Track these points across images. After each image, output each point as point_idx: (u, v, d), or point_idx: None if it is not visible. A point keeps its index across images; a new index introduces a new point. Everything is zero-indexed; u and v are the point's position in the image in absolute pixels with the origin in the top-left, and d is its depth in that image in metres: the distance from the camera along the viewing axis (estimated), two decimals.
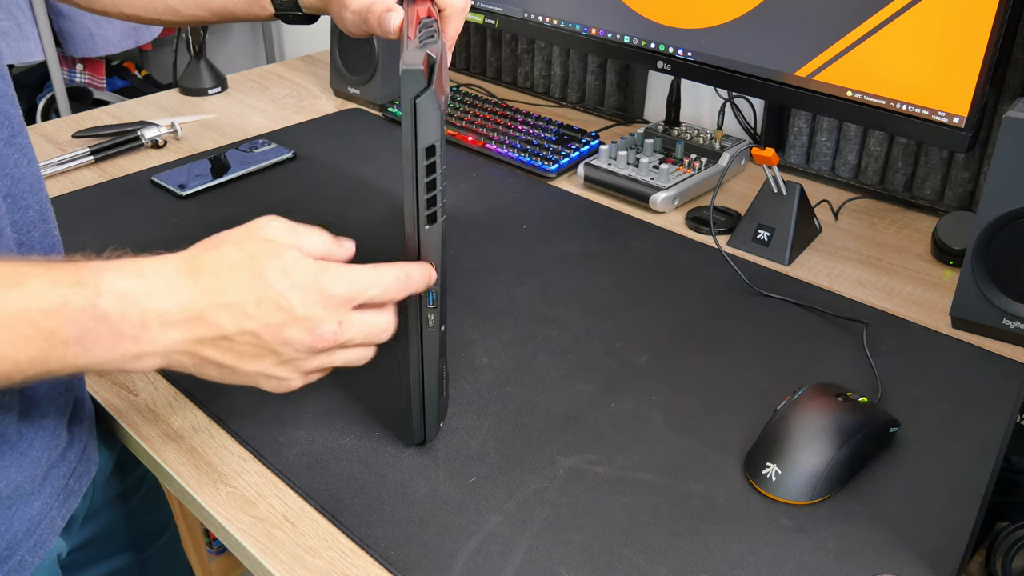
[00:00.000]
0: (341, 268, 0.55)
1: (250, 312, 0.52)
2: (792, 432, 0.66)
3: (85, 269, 0.50)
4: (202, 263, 0.52)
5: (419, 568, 0.59)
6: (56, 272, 0.49)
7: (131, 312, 0.49)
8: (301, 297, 0.53)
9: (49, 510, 0.65)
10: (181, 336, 0.51)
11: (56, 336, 0.48)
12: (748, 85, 1.02)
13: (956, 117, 0.87)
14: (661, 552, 0.60)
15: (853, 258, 0.97)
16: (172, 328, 0.51)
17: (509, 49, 1.44)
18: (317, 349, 0.54)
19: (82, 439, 0.70)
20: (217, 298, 0.51)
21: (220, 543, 1.13)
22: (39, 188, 0.64)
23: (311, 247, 0.55)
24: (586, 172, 1.11)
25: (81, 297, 0.48)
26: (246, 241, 0.54)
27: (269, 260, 0.53)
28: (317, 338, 0.54)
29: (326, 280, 0.53)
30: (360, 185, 1.12)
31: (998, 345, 0.82)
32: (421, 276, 0.59)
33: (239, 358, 0.53)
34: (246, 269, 0.52)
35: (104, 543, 0.80)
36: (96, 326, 0.49)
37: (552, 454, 0.69)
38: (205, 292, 0.51)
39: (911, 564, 0.60)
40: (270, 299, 0.52)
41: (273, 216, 0.56)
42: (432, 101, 0.54)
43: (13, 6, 1.81)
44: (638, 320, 0.85)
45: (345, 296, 0.54)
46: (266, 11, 0.81)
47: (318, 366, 0.56)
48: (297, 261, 0.53)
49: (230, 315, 0.52)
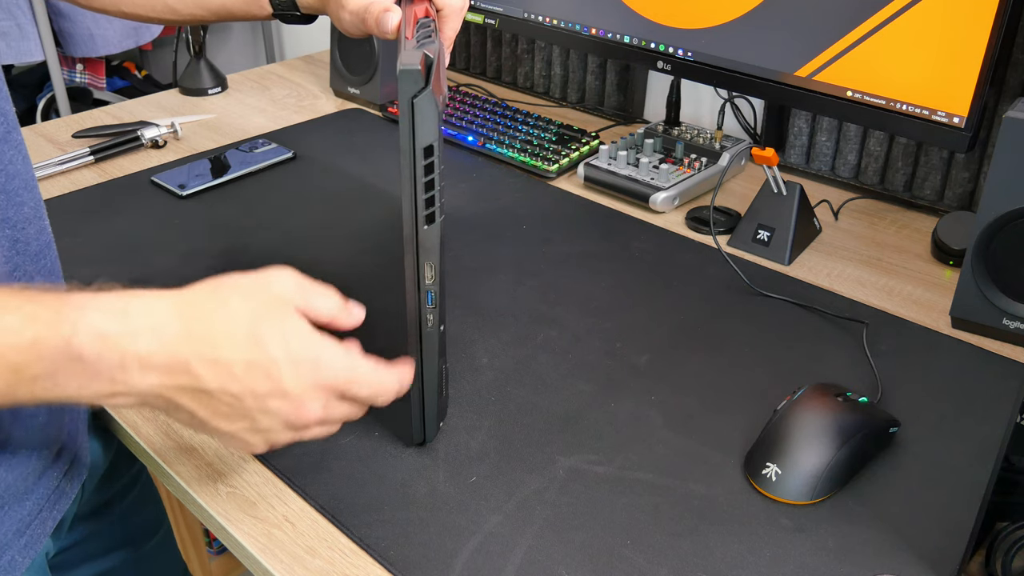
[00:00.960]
0: (343, 354, 0.53)
1: (237, 374, 0.50)
2: (792, 432, 0.66)
3: (67, 305, 0.48)
4: (199, 308, 0.50)
5: (419, 568, 0.59)
6: (33, 307, 0.47)
7: (109, 353, 0.47)
8: (294, 372, 0.51)
9: (40, 511, 0.65)
10: (159, 381, 0.49)
11: (25, 372, 0.46)
12: (748, 85, 1.02)
13: (956, 117, 0.87)
14: (661, 552, 0.60)
15: (853, 258, 0.97)
16: (151, 372, 0.49)
17: (509, 49, 1.44)
18: (295, 426, 0.53)
19: (76, 441, 0.70)
20: (207, 350, 0.49)
21: (220, 543, 1.13)
22: (32, 185, 0.63)
23: (320, 310, 0.53)
24: (586, 172, 1.11)
25: (57, 336, 0.46)
26: (253, 295, 0.51)
27: (272, 325, 0.50)
28: (300, 416, 0.53)
29: (325, 361, 0.52)
30: (360, 185, 1.12)
31: (998, 345, 0.82)
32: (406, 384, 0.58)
33: (213, 415, 0.52)
34: (245, 327, 0.50)
35: (97, 542, 0.80)
36: (70, 364, 0.47)
37: (552, 454, 0.69)
38: (194, 341, 0.49)
39: (911, 564, 0.60)
40: (262, 366, 0.50)
41: (287, 270, 0.54)
42: (430, 101, 0.54)
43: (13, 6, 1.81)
44: (638, 320, 0.85)
45: (338, 386, 0.53)
46: (264, 11, 0.81)
47: (287, 440, 0.55)
48: (299, 332, 0.51)
49: (216, 372, 0.50)
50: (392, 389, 0.57)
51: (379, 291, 0.88)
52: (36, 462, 0.64)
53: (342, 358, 0.53)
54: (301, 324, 0.52)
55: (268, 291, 0.52)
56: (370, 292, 0.89)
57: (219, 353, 0.49)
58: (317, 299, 0.54)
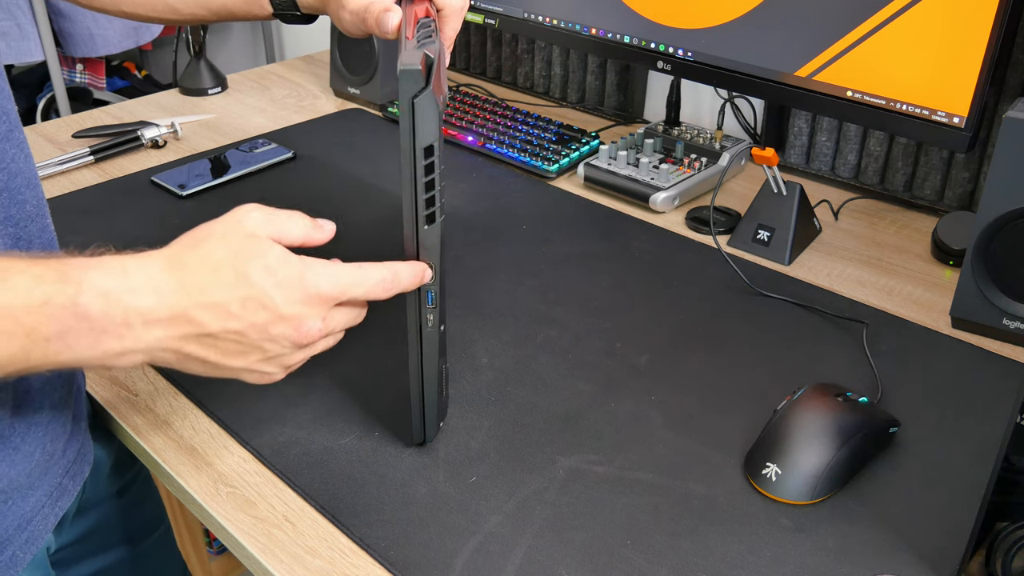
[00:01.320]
0: (326, 266, 0.55)
1: (235, 311, 0.52)
2: (792, 432, 0.66)
3: (68, 266, 0.49)
4: (186, 260, 0.53)
5: (419, 568, 0.59)
6: (39, 269, 0.49)
7: (114, 310, 0.49)
8: (285, 296, 0.53)
9: (42, 507, 0.65)
10: (164, 333, 0.51)
11: (38, 333, 0.48)
12: (748, 85, 1.02)
13: (956, 117, 0.87)
14: (661, 552, 0.60)
15: (853, 258, 0.97)
16: (155, 326, 0.51)
17: (509, 49, 1.44)
18: (302, 344, 0.55)
19: (79, 438, 0.70)
20: (201, 297, 0.51)
21: (220, 543, 1.13)
22: (35, 183, 0.64)
23: (293, 233, 0.55)
24: (586, 172, 1.11)
25: (63, 295, 0.48)
26: (228, 236, 0.54)
27: (253, 259, 0.53)
28: (303, 335, 0.54)
29: (311, 278, 0.54)
30: (360, 185, 1.12)
31: (998, 345, 0.82)
32: (410, 276, 0.59)
33: (224, 355, 0.54)
34: (230, 268, 0.52)
35: (97, 538, 0.80)
36: (78, 323, 0.49)
37: (552, 454, 0.69)
38: (189, 290, 0.51)
39: (911, 564, 0.60)
40: (254, 298, 0.52)
41: (252, 206, 0.56)
42: (430, 101, 0.54)
43: (13, 6, 1.81)
44: (638, 320, 0.85)
45: (329, 294, 0.55)
46: (264, 10, 0.82)
47: (301, 359, 0.57)
48: (281, 259, 0.53)
49: (214, 314, 0.52)
50: (386, 280, 0.57)
51: None
52: (40, 458, 0.64)
53: (324, 269, 0.55)
54: (279, 250, 0.54)
55: (241, 230, 0.54)
56: None
57: (213, 296, 0.52)
58: (286, 224, 0.56)
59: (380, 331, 0.83)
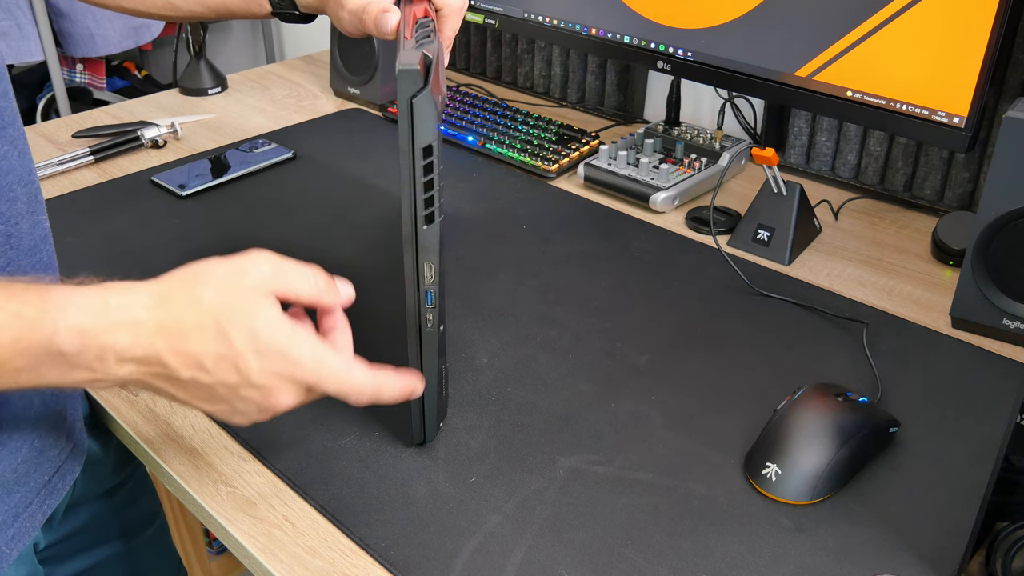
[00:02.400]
0: (313, 346, 0.53)
1: (207, 366, 0.51)
2: (792, 432, 0.66)
3: (48, 301, 0.49)
4: (173, 301, 0.51)
5: (419, 568, 0.59)
6: (16, 304, 0.48)
7: (89, 346, 0.49)
8: (261, 365, 0.52)
9: (29, 504, 0.65)
10: (136, 369, 0.51)
11: (10, 365, 0.48)
12: (748, 85, 1.02)
13: (956, 117, 0.87)
14: (661, 552, 0.60)
15: (853, 258, 0.97)
16: (128, 363, 0.50)
17: (509, 49, 1.44)
18: (270, 411, 0.54)
19: (72, 436, 0.70)
20: (178, 344, 0.50)
21: (220, 543, 1.13)
22: (29, 180, 0.63)
23: (300, 292, 0.54)
24: (586, 172, 1.11)
25: (39, 333, 0.48)
26: (224, 285, 0.52)
27: (241, 318, 0.51)
28: (270, 404, 0.54)
29: (292, 355, 0.52)
30: (360, 185, 1.12)
31: (998, 345, 0.82)
32: (395, 393, 0.57)
33: (191, 397, 0.53)
34: (213, 321, 0.51)
35: (89, 535, 0.79)
36: (51, 359, 0.49)
37: (552, 454, 0.69)
38: (167, 335, 0.50)
39: (911, 564, 0.60)
40: (229, 359, 0.51)
41: (264, 255, 0.54)
42: (428, 101, 0.54)
43: (13, 6, 1.81)
44: (638, 320, 0.85)
45: (306, 379, 0.53)
46: (263, 9, 0.82)
47: (267, 418, 0.56)
48: (269, 324, 0.51)
49: (186, 363, 0.51)
50: (365, 391, 0.56)
51: (379, 291, 0.87)
52: (27, 455, 0.63)
53: (309, 351, 0.53)
54: (271, 315, 0.52)
55: (242, 282, 0.52)
56: (370, 292, 0.89)
57: (189, 346, 0.51)
58: (296, 281, 0.54)
59: (380, 331, 0.83)
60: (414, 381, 0.59)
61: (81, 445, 0.72)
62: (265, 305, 0.52)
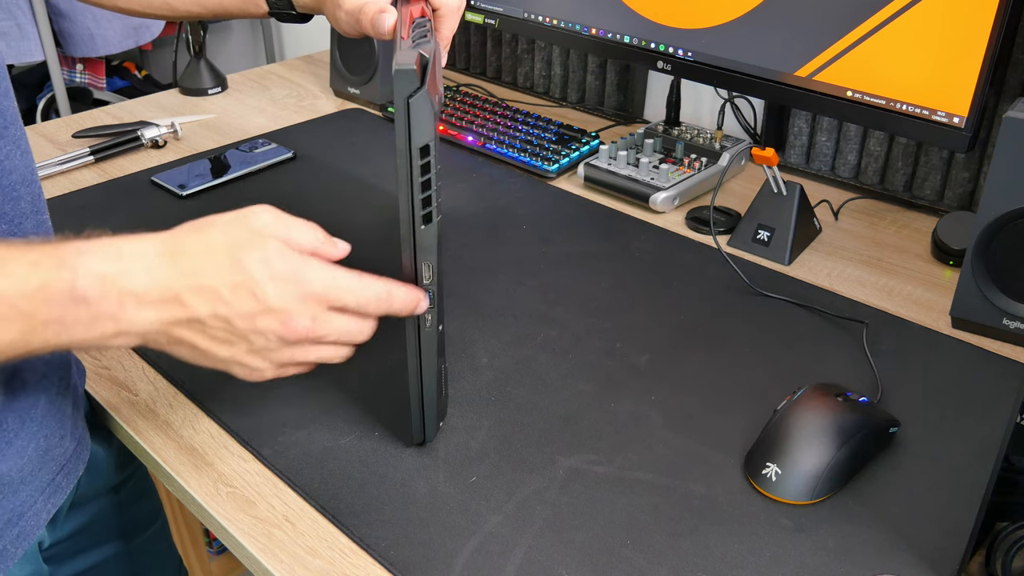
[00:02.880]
0: (323, 267, 0.55)
1: (225, 297, 0.52)
2: (792, 432, 0.66)
3: (65, 251, 0.50)
4: (184, 245, 0.53)
5: (419, 568, 0.59)
6: (35, 255, 0.49)
7: (110, 292, 0.50)
8: (276, 288, 0.53)
9: (35, 503, 0.65)
10: (156, 316, 0.52)
11: (35, 318, 0.49)
12: (748, 85, 1.02)
13: (956, 117, 0.87)
14: (661, 552, 0.60)
15: (853, 258, 0.97)
16: (147, 308, 0.51)
17: (509, 49, 1.44)
18: (289, 341, 0.55)
19: (76, 435, 0.70)
20: (193, 280, 0.52)
21: (220, 543, 1.13)
22: (32, 180, 0.63)
23: (301, 241, 0.55)
24: (586, 172, 1.11)
25: (61, 280, 0.49)
26: (233, 228, 0.54)
27: (251, 250, 0.53)
28: (289, 331, 0.54)
29: (305, 275, 0.54)
30: (360, 185, 1.12)
31: (998, 345, 0.82)
32: (405, 301, 0.58)
33: (211, 342, 0.54)
34: (225, 255, 0.52)
35: (92, 534, 0.80)
36: (76, 307, 0.49)
37: (552, 454, 0.69)
38: (182, 273, 0.52)
39: (911, 564, 0.60)
40: (245, 287, 0.52)
41: (265, 206, 0.56)
42: (425, 101, 0.54)
43: (13, 6, 1.81)
44: (638, 320, 0.85)
45: (321, 294, 0.54)
46: (260, 9, 0.82)
47: (290, 359, 0.56)
48: (280, 252, 0.53)
49: (204, 298, 0.52)
50: (381, 296, 0.57)
51: None
52: (33, 453, 0.63)
53: (322, 269, 0.55)
54: (280, 247, 0.54)
55: (248, 225, 0.54)
56: None
57: (205, 280, 0.52)
58: (297, 231, 0.55)
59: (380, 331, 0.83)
60: (419, 295, 0.59)
61: (84, 443, 0.72)
62: (271, 240, 0.54)
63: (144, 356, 0.80)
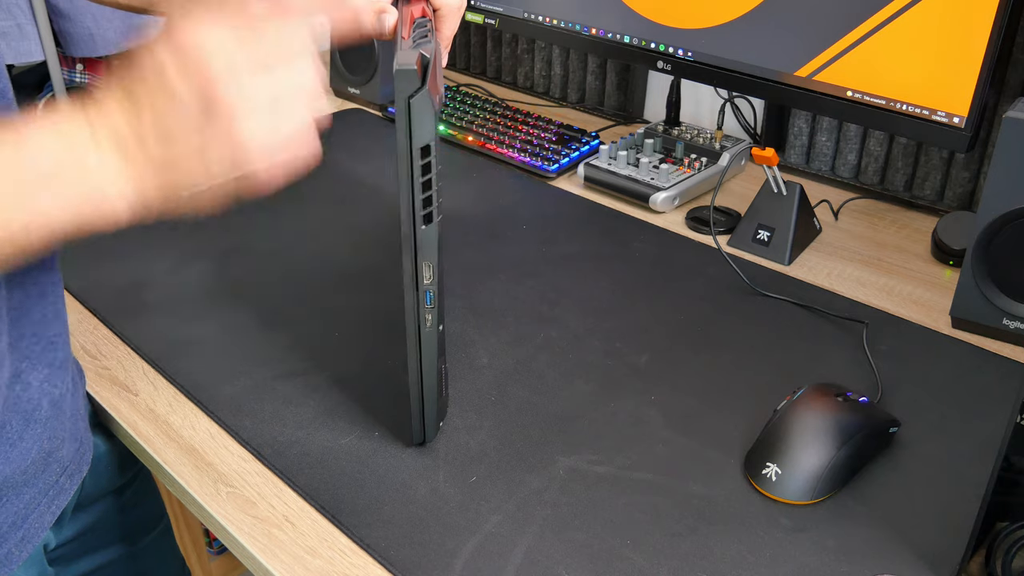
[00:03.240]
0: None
1: (170, 76, 0.48)
2: (792, 432, 0.66)
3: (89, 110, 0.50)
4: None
5: (419, 568, 0.59)
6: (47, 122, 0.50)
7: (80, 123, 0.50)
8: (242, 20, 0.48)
9: (38, 505, 0.65)
10: (123, 119, 0.49)
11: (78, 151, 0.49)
12: (748, 85, 1.02)
13: (956, 117, 0.87)
14: (661, 552, 0.60)
15: (853, 258, 0.97)
16: (112, 113, 0.50)
17: (509, 49, 1.44)
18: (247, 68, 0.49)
19: (78, 436, 0.70)
20: (139, 85, 0.49)
21: (220, 543, 1.13)
22: None
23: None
24: (586, 172, 1.11)
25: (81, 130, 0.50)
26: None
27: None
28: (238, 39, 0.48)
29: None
30: (360, 185, 1.12)
31: (998, 345, 0.82)
32: None
33: (178, 121, 0.49)
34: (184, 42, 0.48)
35: (96, 535, 0.80)
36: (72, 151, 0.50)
37: (552, 454, 0.69)
38: (131, 92, 0.49)
39: (911, 564, 0.60)
40: (222, 27, 0.47)
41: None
42: (426, 101, 0.54)
43: (13, 6, 1.81)
44: (638, 320, 0.85)
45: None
46: None
47: (265, 94, 0.52)
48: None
49: (151, 88, 0.49)
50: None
51: (379, 291, 0.88)
52: (37, 455, 0.64)
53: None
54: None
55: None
56: (369, 292, 0.89)
57: (150, 82, 0.49)
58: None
59: (380, 331, 0.83)
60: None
61: (87, 445, 0.72)
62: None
63: (144, 356, 0.80)
